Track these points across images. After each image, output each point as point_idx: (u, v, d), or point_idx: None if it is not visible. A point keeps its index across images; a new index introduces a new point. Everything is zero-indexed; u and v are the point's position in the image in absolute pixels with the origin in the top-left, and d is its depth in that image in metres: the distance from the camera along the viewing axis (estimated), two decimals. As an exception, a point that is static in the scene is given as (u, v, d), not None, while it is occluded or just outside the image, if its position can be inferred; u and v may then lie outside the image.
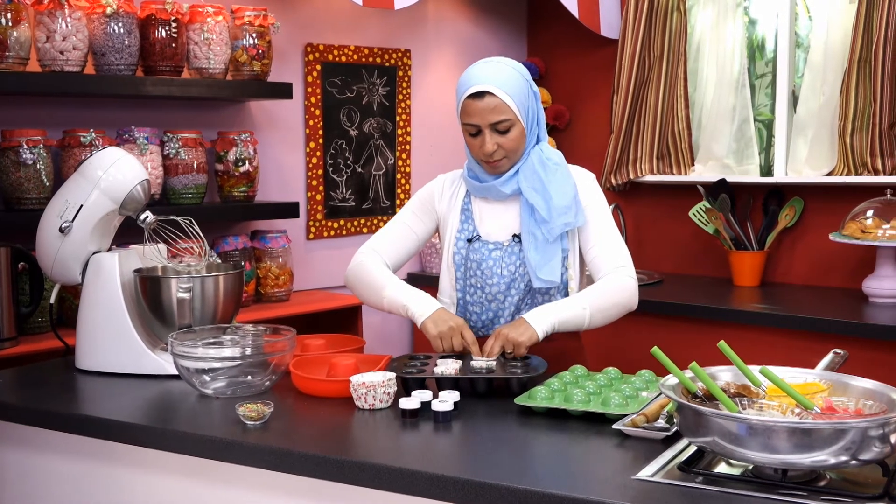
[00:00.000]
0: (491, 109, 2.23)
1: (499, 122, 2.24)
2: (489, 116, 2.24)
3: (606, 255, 2.32)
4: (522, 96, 2.27)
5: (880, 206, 3.29)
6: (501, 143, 2.26)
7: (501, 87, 2.24)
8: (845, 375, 1.68)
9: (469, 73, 2.29)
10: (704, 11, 3.98)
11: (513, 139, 2.26)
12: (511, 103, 2.24)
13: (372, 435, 1.83)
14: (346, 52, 3.81)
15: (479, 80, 2.25)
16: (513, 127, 2.25)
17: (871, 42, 3.39)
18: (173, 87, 3.04)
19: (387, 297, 2.32)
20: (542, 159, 2.31)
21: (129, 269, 2.35)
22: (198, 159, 3.19)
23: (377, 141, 3.97)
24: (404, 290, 2.31)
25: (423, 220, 2.45)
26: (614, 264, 2.31)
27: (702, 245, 3.97)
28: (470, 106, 2.26)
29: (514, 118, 2.25)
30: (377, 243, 2.45)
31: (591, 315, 2.25)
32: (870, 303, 3.28)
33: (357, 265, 2.43)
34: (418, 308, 2.25)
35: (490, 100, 2.23)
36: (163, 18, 3.03)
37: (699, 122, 4.01)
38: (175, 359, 2.08)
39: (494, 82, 2.24)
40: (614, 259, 2.32)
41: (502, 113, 2.24)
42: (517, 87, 2.26)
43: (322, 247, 3.83)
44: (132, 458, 1.96)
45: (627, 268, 2.32)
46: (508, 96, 2.23)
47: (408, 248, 2.45)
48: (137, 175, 2.34)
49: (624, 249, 2.35)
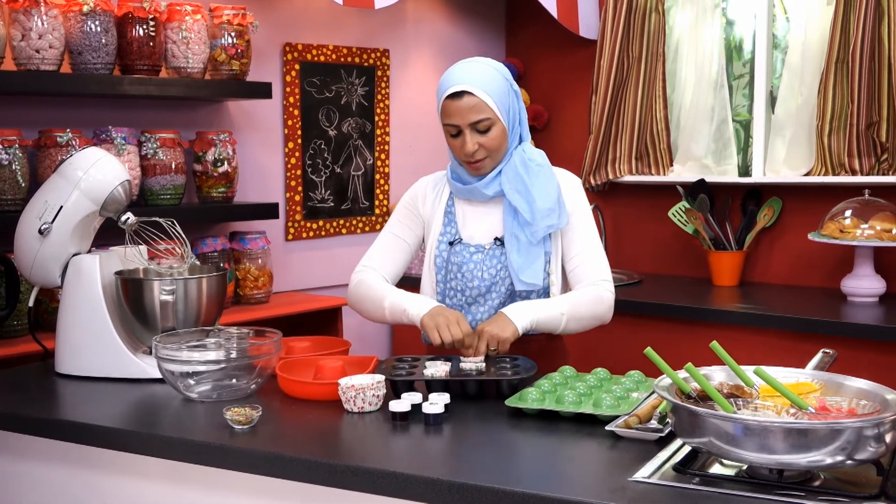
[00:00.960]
0: (470, 109, 2.22)
1: (479, 122, 2.22)
2: (468, 116, 2.22)
3: (588, 266, 2.32)
4: (502, 95, 2.25)
5: (858, 206, 3.31)
6: (482, 143, 2.24)
7: (480, 86, 2.22)
8: (838, 375, 1.68)
9: (448, 74, 2.28)
10: (683, 12, 3.99)
11: (494, 138, 2.25)
12: (490, 102, 2.22)
13: (362, 438, 1.81)
14: (324, 52, 3.78)
15: (457, 80, 2.24)
16: (493, 126, 2.24)
17: (848, 43, 3.41)
18: (151, 87, 3.00)
19: (388, 306, 2.29)
20: (525, 160, 2.29)
21: (109, 271, 2.31)
22: (176, 160, 3.15)
23: (356, 141, 3.95)
24: (403, 296, 2.29)
25: (410, 228, 2.43)
26: (596, 277, 2.32)
27: (681, 245, 3.98)
28: (449, 106, 2.24)
29: (494, 117, 2.23)
30: (371, 260, 2.42)
31: (568, 321, 2.26)
32: (848, 302, 3.31)
33: (356, 284, 2.40)
34: (415, 308, 2.23)
35: (469, 99, 2.22)
36: (140, 17, 2.99)
37: (678, 123, 4.02)
38: (159, 362, 2.05)
39: (473, 82, 2.22)
40: (596, 272, 2.32)
41: (482, 112, 2.22)
42: (496, 86, 2.25)
43: (301, 248, 3.80)
44: (116, 463, 1.92)
45: (608, 282, 2.33)
46: (487, 95, 2.22)
47: (402, 259, 2.42)
48: (118, 176, 2.30)
49: (605, 262, 2.35)
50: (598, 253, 2.35)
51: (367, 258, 2.43)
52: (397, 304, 2.28)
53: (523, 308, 2.21)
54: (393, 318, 2.29)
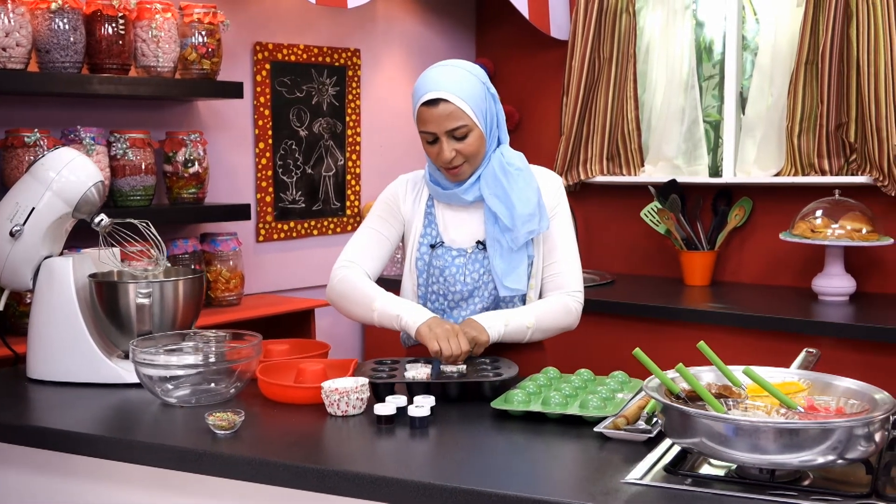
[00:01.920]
0: (446, 116, 2.17)
1: (455, 129, 2.18)
2: (445, 123, 2.17)
3: (566, 276, 2.32)
4: (479, 100, 2.21)
5: (829, 206, 3.34)
6: (460, 150, 2.20)
7: (456, 92, 2.17)
8: (825, 375, 1.69)
9: (423, 80, 2.22)
10: (654, 13, 4.00)
11: (471, 144, 2.20)
12: (467, 108, 2.17)
13: (348, 442, 1.79)
14: (295, 52, 3.75)
15: (433, 86, 2.18)
16: (470, 133, 2.19)
17: (817, 45, 3.45)
18: (121, 86, 2.94)
19: (377, 309, 2.22)
20: (504, 165, 2.26)
21: (83, 273, 2.27)
22: (146, 160, 3.10)
23: (327, 141, 3.91)
24: (395, 302, 2.22)
25: (391, 224, 2.38)
26: (571, 288, 2.32)
27: (652, 245, 4.00)
28: (425, 113, 2.19)
29: (472, 124, 2.19)
30: (352, 254, 2.34)
31: (533, 334, 2.26)
32: (819, 301, 3.34)
33: (340, 281, 2.31)
34: (411, 317, 2.16)
35: (445, 106, 2.17)
36: (109, 15, 2.94)
37: (649, 124, 4.04)
38: (137, 367, 2.01)
39: (448, 88, 2.17)
40: (572, 283, 2.32)
41: (458, 119, 2.17)
42: (473, 91, 2.20)
43: (272, 249, 3.76)
44: (95, 471, 1.88)
45: (580, 293, 2.34)
46: (464, 101, 2.17)
47: (383, 255, 2.37)
48: (92, 176, 2.26)
49: (579, 270, 2.35)
50: (575, 261, 2.35)
51: (349, 253, 2.35)
52: (389, 309, 2.21)
53: (494, 318, 2.20)
54: (381, 322, 2.23)
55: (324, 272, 3.89)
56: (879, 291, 3.48)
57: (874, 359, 2.92)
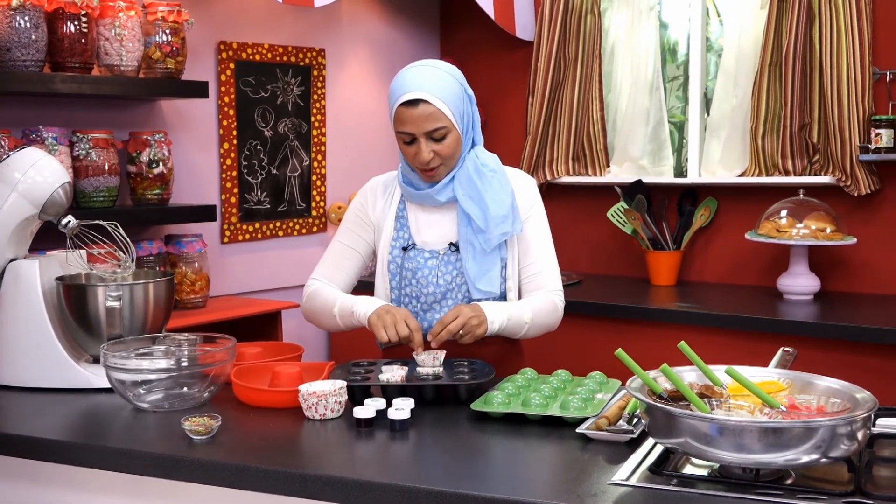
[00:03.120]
0: (426, 117, 2.15)
1: (434, 130, 2.16)
2: (424, 125, 2.15)
3: (546, 275, 2.32)
4: (457, 101, 2.19)
5: (793, 205, 3.38)
6: (438, 151, 2.18)
7: (436, 93, 2.15)
8: (804, 374, 1.70)
9: (402, 80, 2.19)
10: (618, 15, 4.02)
11: (449, 146, 2.19)
12: (446, 110, 2.16)
13: (328, 446, 1.77)
14: (259, 51, 3.71)
15: (412, 86, 2.16)
16: (448, 134, 2.18)
17: (781, 46, 3.49)
18: (84, 85, 2.89)
19: (337, 312, 2.24)
20: (478, 166, 2.25)
21: (49, 276, 2.22)
22: (109, 160, 3.05)
23: (292, 142, 3.88)
24: (350, 298, 2.25)
25: (361, 236, 2.37)
26: (552, 287, 2.32)
27: (618, 245, 4.02)
28: (404, 114, 2.17)
29: (450, 125, 2.17)
30: (322, 272, 2.37)
31: (528, 329, 2.26)
32: (784, 300, 3.37)
33: (307, 298, 2.35)
34: (363, 307, 2.18)
35: (425, 107, 2.15)
36: (72, 12, 2.88)
37: (614, 124, 4.06)
38: (108, 371, 1.97)
39: (428, 89, 2.15)
40: (552, 281, 2.32)
41: (438, 120, 2.15)
42: (452, 92, 2.18)
43: (237, 251, 3.71)
44: (66, 478, 1.84)
45: (561, 291, 2.34)
46: (443, 103, 2.15)
47: (353, 270, 2.37)
48: (59, 177, 2.21)
49: (558, 269, 2.35)
50: (553, 261, 2.34)
51: (318, 271, 2.38)
52: (345, 306, 2.23)
53: (498, 309, 2.19)
54: (344, 322, 2.24)
55: (290, 273, 3.88)
56: (843, 290, 3.53)
57: (840, 356, 2.95)
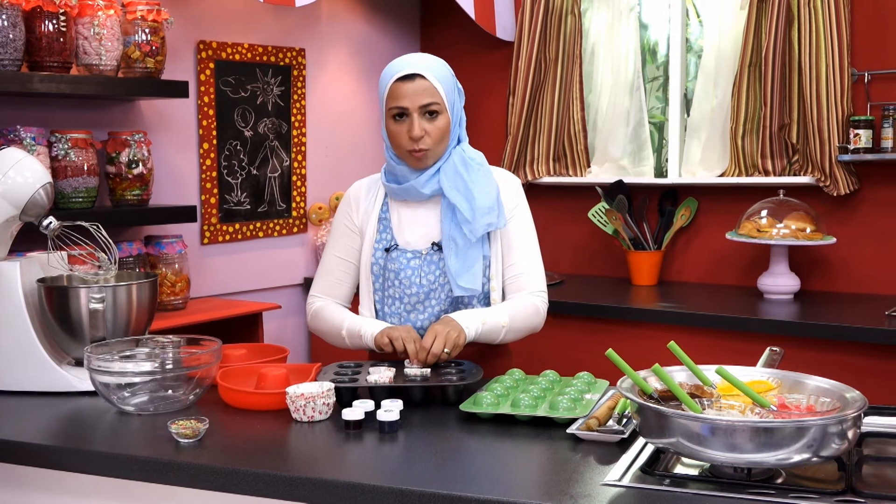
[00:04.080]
0: (422, 91, 2.18)
1: (429, 105, 2.18)
2: (419, 98, 2.17)
3: (529, 276, 2.31)
4: (450, 88, 2.24)
5: (773, 206, 3.40)
6: (428, 130, 2.19)
7: (433, 72, 2.20)
8: (794, 373, 1.70)
9: (397, 61, 2.24)
10: (598, 15, 4.03)
11: (439, 128, 2.20)
12: (441, 90, 2.19)
13: (317, 449, 1.75)
14: (239, 50, 3.68)
15: (409, 65, 2.20)
16: (440, 114, 2.20)
17: (760, 47, 3.51)
18: (63, 85, 2.85)
19: (345, 334, 2.26)
20: (465, 159, 2.26)
21: (31, 278, 2.19)
22: (88, 161, 3.02)
23: (272, 142, 3.85)
24: (357, 321, 2.26)
25: (350, 245, 2.36)
26: (535, 288, 2.31)
27: (599, 245, 4.03)
28: (399, 88, 2.18)
29: (443, 105, 2.20)
30: (320, 288, 2.38)
31: (506, 333, 2.25)
32: (765, 299, 3.39)
33: (312, 318, 2.37)
34: (370, 329, 2.20)
35: (421, 82, 2.18)
36: (50, 11, 2.84)
37: (594, 125, 4.07)
38: (92, 374, 1.94)
39: (426, 68, 2.19)
40: (535, 282, 2.32)
41: (432, 96, 2.18)
42: (446, 77, 2.23)
43: (217, 252, 3.68)
44: (50, 483, 1.81)
45: (544, 293, 2.34)
46: (439, 83, 2.19)
47: (349, 280, 2.38)
48: (40, 178, 2.17)
49: (542, 270, 2.35)
50: (537, 261, 2.34)
51: (316, 287, 2.39)
52: (353, 329, 2.25)
53: (471, 318, 2.18)
54: (352, 343, 2.26)
55: (270, 274, 3.86)
56: (822, 289, 3.55)
57: (820, 355, 2.98)
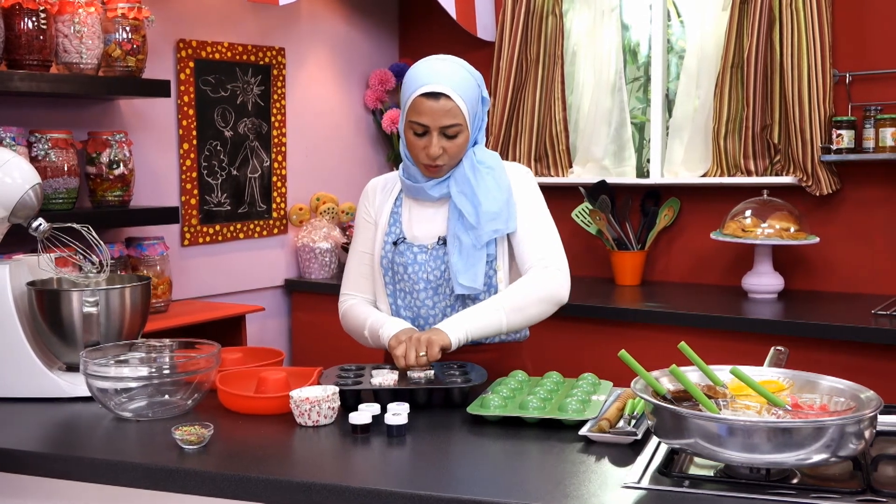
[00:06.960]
0: (445, 112, 2.12)
1: (449, 127, 2.13)
2: (441, 119, 2.12)
3: (530, 249, 2.23)
4: (475, 103, 2.18)
5: (757, 206, 3.42)
6: (447, 148, 2.16)
7: (458, 90, 2.12)
8: (806, 373, 1.70)
9: (426, 70, 2.15)
10: (580, 16, 4.03)
11: (458, 145, 2.17)
12: (464, 109, 2.13)
13: (325, 454, 1.72)
14: (219, 49, 3.63)
15: (436, 79, 2.12)
16: (461, 133, 2.15)
17: (742, 48, 3.53)
18: (43, 83, 2.79)
19: (368, 334, 2.24)
20: (475, 163, 2.22)
21: (20, 282, 2.13)
22: (69, 161, 2.96)
23: (252, 142, 3.81)
24: (379, 319, 2.22)
25: (371, 238, 2.34)
26: (535, 258, 2.22)
27: (582, 245, 4.02)
28: (422, 105, 2.13)
29: (464, 124, 2.15)
30: (350, 286, 2.36)
31: (508, 316, 2.15)
32: (749, 299, 3.41)
33: (342, 317, 2.35)
34: (389, 329, 2.16)
35: (445, 102, 2.11)
36: (30, 8, 2.78)
37: (576, 125, 4.06)
38: (88, 380, 1.90)
39: (451, 84, 2.12)
40: (536, 252, 2.22)
41: (454, 117, 2.13)
42: (471, 92, 2.16)
43: (198, 254, 3.63)
44: (48, 491, 1.77)
45: (548, 258, 2.23)
46: (463, 102, 2.13)
47: (376, 273, 2.33)
48: (29, 179, 2.11)
49: (552, 242, 2.26)
50: (544, 233, 2.25)
51: (346, 285, 2.37)
52: (374, 328, 2.21)
53: (456, 321, 2.13)
54: (374, 343, 2.23)
55: (252, 276, 3.81)
56: (806, 288, 3.58)
57: (805, 354, 2.98)
